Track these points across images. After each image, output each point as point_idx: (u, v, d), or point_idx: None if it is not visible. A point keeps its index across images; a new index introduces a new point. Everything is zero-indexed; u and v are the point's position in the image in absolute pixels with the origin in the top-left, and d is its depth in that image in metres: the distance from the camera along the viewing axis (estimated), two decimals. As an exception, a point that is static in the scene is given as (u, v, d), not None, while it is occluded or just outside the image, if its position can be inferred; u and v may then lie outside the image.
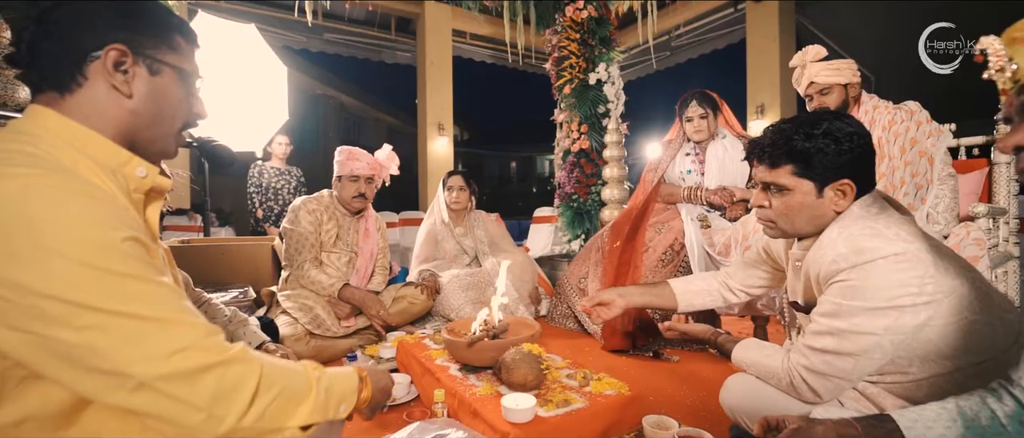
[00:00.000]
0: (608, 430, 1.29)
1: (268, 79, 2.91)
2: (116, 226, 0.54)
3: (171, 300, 0.55)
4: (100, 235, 0.52)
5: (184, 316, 0.56)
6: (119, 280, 0.52)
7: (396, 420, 1.47)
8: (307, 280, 2.20)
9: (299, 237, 2.25)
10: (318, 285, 2.19)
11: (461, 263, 2.85)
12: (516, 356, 1.37)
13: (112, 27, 0.63)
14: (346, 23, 6.66)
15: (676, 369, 1.97)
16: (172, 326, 0.54)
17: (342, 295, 2.19)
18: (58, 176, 0.53)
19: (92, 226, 0.52)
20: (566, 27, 3.74)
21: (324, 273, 2.23)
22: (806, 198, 1.01)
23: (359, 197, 2.31)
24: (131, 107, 0.65)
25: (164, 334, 0.53)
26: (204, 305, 1.43)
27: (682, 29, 7.03)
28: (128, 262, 0.53)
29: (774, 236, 1.15)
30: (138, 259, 0.54)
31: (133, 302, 0.52)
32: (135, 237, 0.55)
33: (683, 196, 2.45)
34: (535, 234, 5.09)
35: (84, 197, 0.53)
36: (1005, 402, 0.71)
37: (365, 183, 2.32)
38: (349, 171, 2.29)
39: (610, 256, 2.37)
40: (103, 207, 0.54)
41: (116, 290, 0.51)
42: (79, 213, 0.52)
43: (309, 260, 2.24)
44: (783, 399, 1.06)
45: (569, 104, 3.76)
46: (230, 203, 7.76)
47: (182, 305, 0.56)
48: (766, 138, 1.05)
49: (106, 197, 0.56)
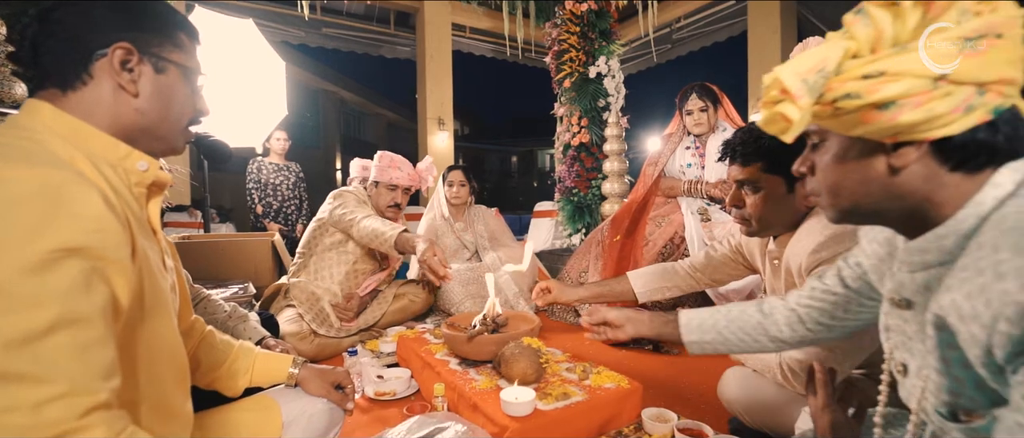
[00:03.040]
0: (608, 423, 1.29)
1: (266, 74, 2.90)
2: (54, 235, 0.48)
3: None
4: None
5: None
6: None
7: (396, 414, 1.48)
8: (364, 231, 2.02)
9: (353, 198, 2.21)
10: (376, 234, 1.99)
11: (461, 258, 2.85)
12: (516, 350, 1.37)
13: (117, 26, 0.63)
14: (345, 17, 6.63)
15: (676, 362, 1.97)
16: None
17: (400, 240, 1.94)
18: (38, 170, 0.51)
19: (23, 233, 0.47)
20: (566, 20, 3.73)
21: (380, 222, 2.03)
22: (777, 193, 1.05)
23: (394, 207, 2.27)
24: (137, 106, 0.65)
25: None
26: (203, 301, 1.44)
27: (683, 22, 6.99)
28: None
29: (750, 234, 1.17)
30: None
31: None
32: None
33: (683, 189, 2.44)
34: (535, 228, 5.09)
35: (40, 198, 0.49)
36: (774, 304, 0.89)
37: (402, 193, 2.28)
38: (388, 179, 2.24)
39: (610, 250, 2.37)
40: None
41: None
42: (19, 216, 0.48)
43: (367, 214, 2.10)
44: (779, 392, 1.06)
45: (569, 98, 3.75)
46: (230, 199, 7.78)
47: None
48: (737, 138, 1.11)
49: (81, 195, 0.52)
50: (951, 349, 0.51)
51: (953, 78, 0.46)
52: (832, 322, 0.82)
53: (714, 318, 0.95)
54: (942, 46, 0.46)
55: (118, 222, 0.54)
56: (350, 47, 6.91)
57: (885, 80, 0.48)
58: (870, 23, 0.49)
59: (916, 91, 0.47)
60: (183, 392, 0.72)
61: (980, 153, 0.50)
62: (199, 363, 0.88)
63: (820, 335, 0.85)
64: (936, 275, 0.54)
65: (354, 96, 14.92)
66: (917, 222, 0.55)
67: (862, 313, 0.80)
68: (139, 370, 0.61)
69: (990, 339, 0.44)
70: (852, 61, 0.50)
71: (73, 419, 0.46)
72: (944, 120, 0.48)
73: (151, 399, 0.63)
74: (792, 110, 0.50)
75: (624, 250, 2.34)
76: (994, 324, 0.43)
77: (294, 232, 3.97)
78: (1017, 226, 0.46)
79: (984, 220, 0.49)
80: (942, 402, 0.54)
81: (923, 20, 0.48)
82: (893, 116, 0.48)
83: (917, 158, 0.51)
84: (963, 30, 0.46)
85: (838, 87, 0.50)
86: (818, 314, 0.83)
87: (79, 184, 0.52)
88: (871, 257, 0.71)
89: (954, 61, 0.46)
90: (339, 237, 2.24)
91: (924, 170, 0.52)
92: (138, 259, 0.58)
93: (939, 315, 0.51)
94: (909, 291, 0.59)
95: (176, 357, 0.70)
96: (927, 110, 0.47)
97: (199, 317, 0.92)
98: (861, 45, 0.50)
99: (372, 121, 16.77)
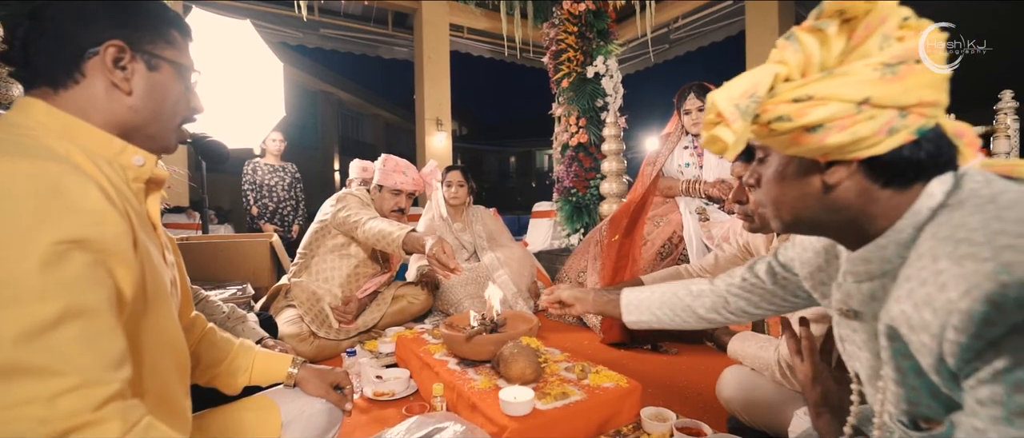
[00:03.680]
0: (606, 422, 1.29)
1: (264, 75, 2.89)
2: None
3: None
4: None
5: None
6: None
7: (395, 414, 1.48)
8: (371, 232, 2.01)
9: (356, 200, 2.20)
10: (383, 235, 1.98)
11: (460, 258, 2.85)
12: (514, 350, 1.37)
13: (109, 23, 0.62)
14: (342, 18, 6.63)
15: (674, 362, 1.98)
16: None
17: (408, 240, 1.93)
18: (27, 163, 0.51)
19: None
20: (564, 20, 3.73)
21: (386, 223, 2.02)
22: None
23: (397, 211, 2.26)
24: (131, 104, 0.64)
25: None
26: (202, 302, 1.44)
27: (680, 22, 7.00)
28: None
29: (753, 230, 1.20)
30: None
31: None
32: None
33: (682, 189, 2.44)
34: (534, 229, 5.09)
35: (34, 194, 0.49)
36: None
37: (406, 198, 2.27)
38: (393, 184, 2.23)
39: (609, 250, 2.37)
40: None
41: None
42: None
43: (371, 216, 2.08)
44: (777, 391, 1.06)
45: (567, 98, 3.75)
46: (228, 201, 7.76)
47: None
48: None
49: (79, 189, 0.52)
50: (905, 358, 0.52)
51: (875, 102, 0.48)
52: (754, 311, 0.90)
53: (650, 300, 1.06)
54: (864, 72, 0.48)
55: (118, 214, 0.54)
56: (348, 48, 6.91)
57: (813, 104, 0.49)
58: (799, 48, 0.51)
59: (842, 115, 0.49)
60: (184, 387, 0.72)
61: (907, 170, 0.52)
62: (199, 360, 0.88)
63: (741, 319, 0.95)
64: (881, 285, 0.57)
65: (352, 97, 14.91)
66: (856, 234, 0.57)
67: (784, 306, 0.86)
68: (144, 363, 0.61)
69: (941, 347, 0.46)
70: (785, 84, 0.52)
71: (88, 411, 0.46)
72: (869, 142, 0.50)
73: (155, 392, 0.63)
74: (726, 133, 0.52)
75: (623, 250, 2.34)
76: (942, 333, 0.45)
77: (290, 233, 3.96)
78: (952, 235, 0.48)
79: (920, 230, 0.52)
80: (902, 411, 0.56)
81: (847, 46, 0.50)
82: (821, 138, 0.50)
83: (848, 176, 0.54)
84: (884, 56, 0.48)
85: (772, 109, 0.52)
86: (744, 303, 0.90)
87: (76, 177, 0.52)
88: (806, 265, 0.75)
89: (875, 87, 0.48)
90: (341, 240, 2.24)
91: (856, 186, 0.54)
92: (139, 252, 0.58)
93: (891, 325, 0.52)
94: (856, 302, 0.61)
95: (179, 351, 0.70)
96: (852, 133, 0.49)
97: (200, 314, 0.92)
98: (792, 69, 0.52)
99: (370, 122, 16.75)
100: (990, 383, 0.42)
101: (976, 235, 0.46)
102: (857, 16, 0.49)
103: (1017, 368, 0.41)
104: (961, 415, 0.47)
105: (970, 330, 0.42)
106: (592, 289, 1.28)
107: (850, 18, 0.50)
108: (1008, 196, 0.48)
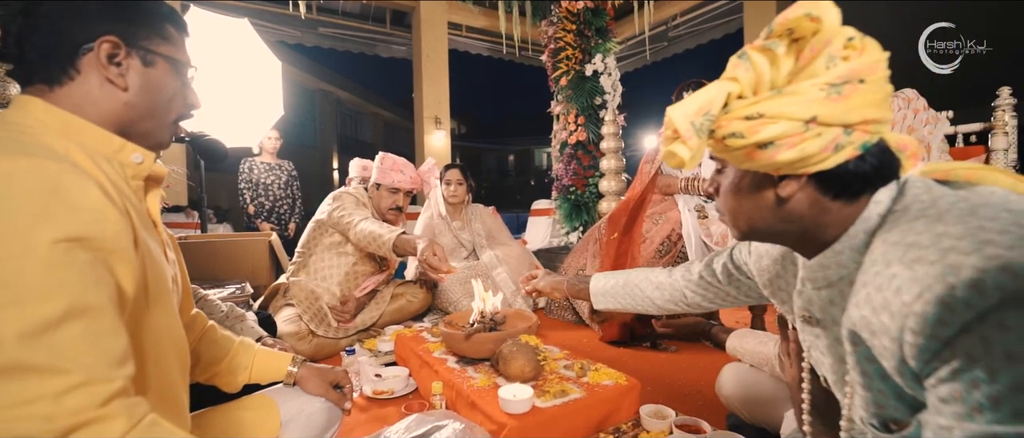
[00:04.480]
0: (606, 420, 1.30)
1: (262, 74, 2.89)
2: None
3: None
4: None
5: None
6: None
7: (394, 412, 1.48)
8: (362, 234, 2.01)
9: (352, 199, 2.20)
10: (373, 237, 1.99)
11: (458, 257, 2.85)
12: (513, 348, 1.38)
13: (103, 19, 0.62)
14: (340, 17, 6.62)
15: (673, 359, 1.98)
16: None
17: (398, 243, 1.93)
18: (25, 161, 0.50)
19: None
20: (562, 18, 3.73)
21: (377, 225, 2.02)
22: None
23: (395, 210, 2.26)
24: (126, 100, 0.64)
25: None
26: (201, 301, 1.44)
27: (679, 20, 7.00)
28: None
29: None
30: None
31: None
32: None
33: (680, 187, 2.44)
34: (533, 227, 5.09)
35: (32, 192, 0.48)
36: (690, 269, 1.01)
37: (404, 196, 2.26)
38: (390, 182, 2.22)
39: (607, 248, 2.37)
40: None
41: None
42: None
43: (364, 217, 2.08)
44: (776, 386, 1.07)
45: (566, 96, 3.75)
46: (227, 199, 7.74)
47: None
48: None
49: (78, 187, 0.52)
50: (869, 362, 0.54)
51: (822, 121, 0.50)
52: (709, 304, 1.01)
53: (615, 289, 1.18)
54: (811, 92, 0.50)
55: (117, 212, 0.54)
56: (346, 46, 6.90)
57: (764, 122, 0.52)
58: (751, 67, 0.53)
59: (791, 133, 0.51)
60: (185, 383, 0.72)
61: (853, 183, 0.55)
62: (200, 358, 0.88)
63: (695, 310, 1.05)
64: (839, 291, 0.59)
65: (350, 95, 14.89)
66: (812, 242, 0.60)
67: (739, 302, 0.96)
68: (147, 359, 0.61)
69: (901, 349, 0.47)
70: (738, 101, 0.54)
71: (93, 408, 0.46)
72: (817, 158, 0.52)
73: (158, 388, 0.63)
74: (682, 149, 0.55)
75: (621, 247, 2.34)
76: (901, 335, 0.47)
77: (286, 231, 3.95)
78: (901, 240, 0.50)
79: (872, 235, 0.54)
80: (871, 414, 0.58)
81: (795, 66, 0.52)
82: (772, 155, 0.53)
83: (799, 188, 0.56)
84: (829, 76, 0.50)
85: (726, 125, 0.54)
86: (700, 298, 1.01)
87: (76, 175, 0.52)
88: (764, 273, 0.78)
89: (821, 106, 0.50)
90: (338, 238, 2.24)
91: (808, 198, 0.57)
92: (140, 249, 0.58)
93: (853, 331, 0.54)
94: (817, 308, 0.63)
95: (180, 347, 0.70)
96: (800, 150, 0.51)
97: (200, 312, 0.92)
98: (744, 87, 0.54)
99: (369, 120, 16.73)
100: (949, 381, 0.44)
101: (923, 238, 0.48)
102: (805, 36, 0.52)
103: (973, 365, 0.42)
104: (926, 414, 0.48)
105: (926, 331, 0.44)
106: (566, 277, 1.37)
107: (798, 38, 0.52)
108: (946, 200, 0.50)
